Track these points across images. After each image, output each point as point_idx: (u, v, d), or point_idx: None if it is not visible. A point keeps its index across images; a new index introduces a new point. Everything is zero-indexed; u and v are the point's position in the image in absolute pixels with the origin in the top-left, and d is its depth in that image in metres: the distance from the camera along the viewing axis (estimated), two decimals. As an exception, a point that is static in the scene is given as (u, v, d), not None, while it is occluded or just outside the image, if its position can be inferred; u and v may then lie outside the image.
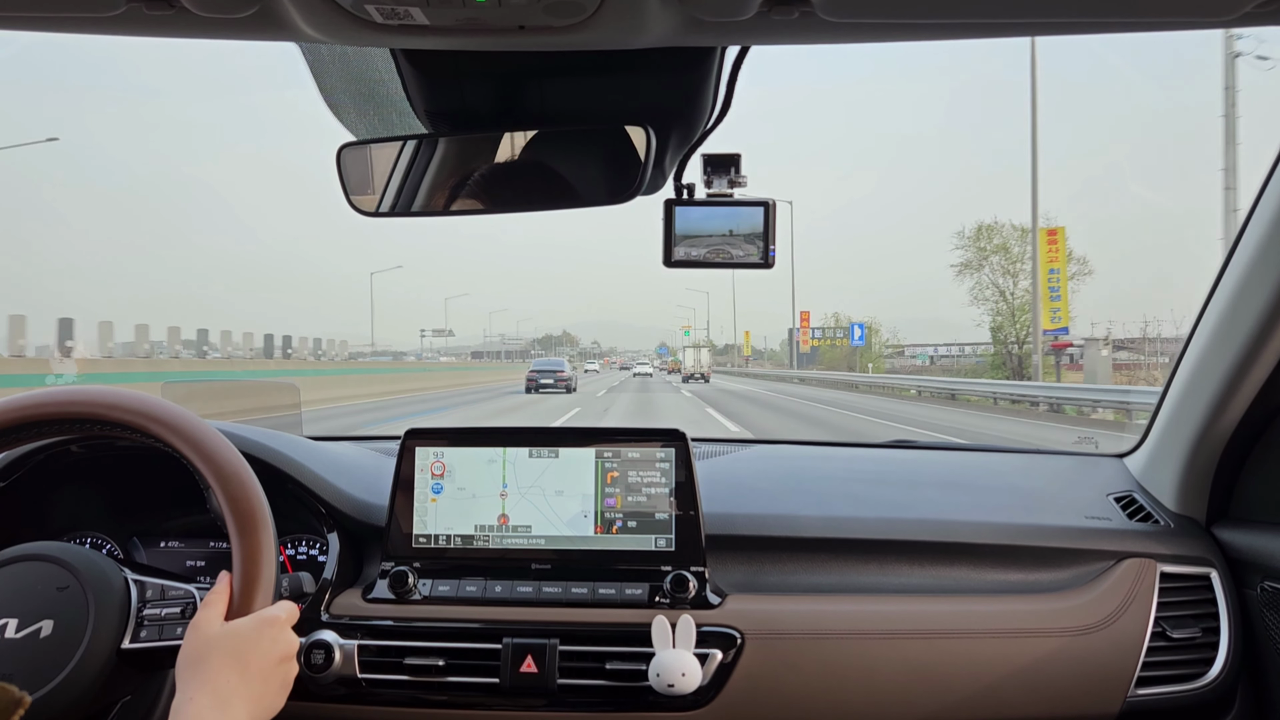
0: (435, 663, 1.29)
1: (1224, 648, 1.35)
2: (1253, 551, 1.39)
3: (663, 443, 1.42)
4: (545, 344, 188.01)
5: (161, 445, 1.04)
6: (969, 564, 1.43)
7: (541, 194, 1.23)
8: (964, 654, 1.31)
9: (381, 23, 0.76)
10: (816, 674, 1.30)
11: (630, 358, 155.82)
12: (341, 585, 1.39)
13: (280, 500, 1.17)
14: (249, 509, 1.02)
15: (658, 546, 1.38)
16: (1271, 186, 1.27)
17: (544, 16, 0.75)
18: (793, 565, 1.43)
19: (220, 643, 0.94)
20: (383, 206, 1.26)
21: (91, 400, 1.04)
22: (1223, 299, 1.37)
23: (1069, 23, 0.79)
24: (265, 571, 1.00)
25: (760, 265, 1.20)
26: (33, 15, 0.79)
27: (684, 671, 1.23)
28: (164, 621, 1.05)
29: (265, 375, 25.33)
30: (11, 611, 1.00)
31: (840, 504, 1.53)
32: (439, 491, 1.43)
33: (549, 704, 1.28)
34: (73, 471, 1.47)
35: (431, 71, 1.09)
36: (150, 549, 1.54)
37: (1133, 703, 1.31)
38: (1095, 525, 1.47)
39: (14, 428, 1.04)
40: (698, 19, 0.76)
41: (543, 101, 1.18)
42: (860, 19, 0.77)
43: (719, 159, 1.20)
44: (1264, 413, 1.40)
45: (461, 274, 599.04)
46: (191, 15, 0.74)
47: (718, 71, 1.09)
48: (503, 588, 1.36)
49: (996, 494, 1.62)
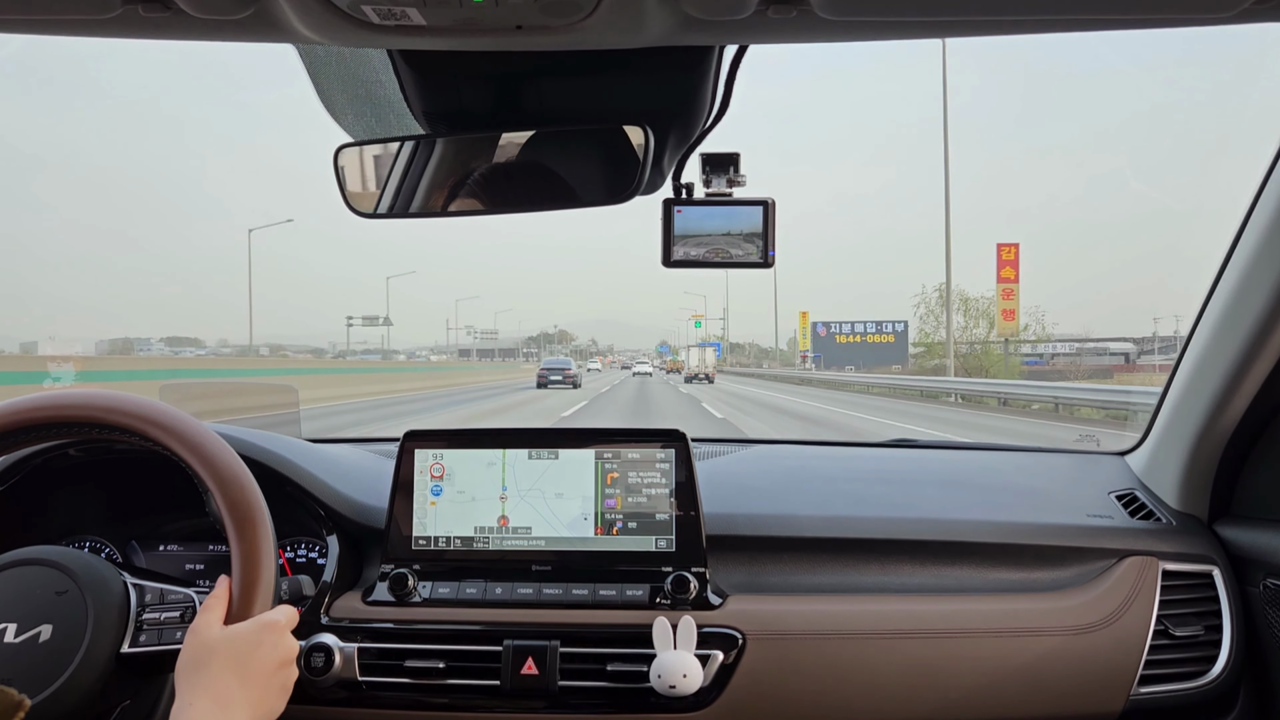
0: (436, 665, 1.28)
1: (1226, 645, 1.35)
2: (1255, 549, 1.38)
3: (663, 443, 1.41)
4: (539, 342, 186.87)
5: (160, 449, 1.04)
6: (970, 563, 1.43)
7: (540, 194, 1.22)
8: (966, 653, 1.31)
9: (378, 23, 0.76)
10: (818, 674, 1.29)
11: (630, 356, 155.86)
12: (341, 588, 1.39)
13: (279, 503, 1.16)
14: (248, 512, 1.01)
15: (658, 547, 1.38)
16: (1271, 185, 1.26)
17: (541, 16, 0.75)
18: (794, 565, 1.43)
19: (220, 647, 0.94)
20: (380, 207, 1.25)
21: (89, 404, 1.04)
22: (1223, 296, 1.36)
23: (1067, 20, 0.79)
24: (264, 575, 1.00)
25: (760, 265, 1.20)
26: (28, 17, 0.79)
27: (685, 672, 1.23)
28: (163, 626, 1.05)
29: (234, 374, 24.92)
30: (10, 616, 1.00)
31: (841, 503, 1.52)
32: (438, 493, 1.42)
33: (550, 706, 1.28)
34: (71, 475, 1.46)
35: (429, 72, 1.09)
36: (149, 553, 1.54)
37: (1135, 701, 1.31)
38: (1097, 523, 1.47)
39: (11, 431, 1.03)
40: (695, 18, 0.76)
41: (541, 101, 1.17)
42: (858, 17, 0.76)
43: (718, 158, 1.20)
44: (1265, 410, 1.39)
45: (461, 273, 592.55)
46: (187, 17, 0.74)
47: (716, 70, 1.09)
48: (503, 590, 1.36)
49: (998, 492, 1.62)
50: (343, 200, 1.25)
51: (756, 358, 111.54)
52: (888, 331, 61.62)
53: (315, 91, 1.22)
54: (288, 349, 36.02)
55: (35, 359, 20.92)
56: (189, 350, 78.05)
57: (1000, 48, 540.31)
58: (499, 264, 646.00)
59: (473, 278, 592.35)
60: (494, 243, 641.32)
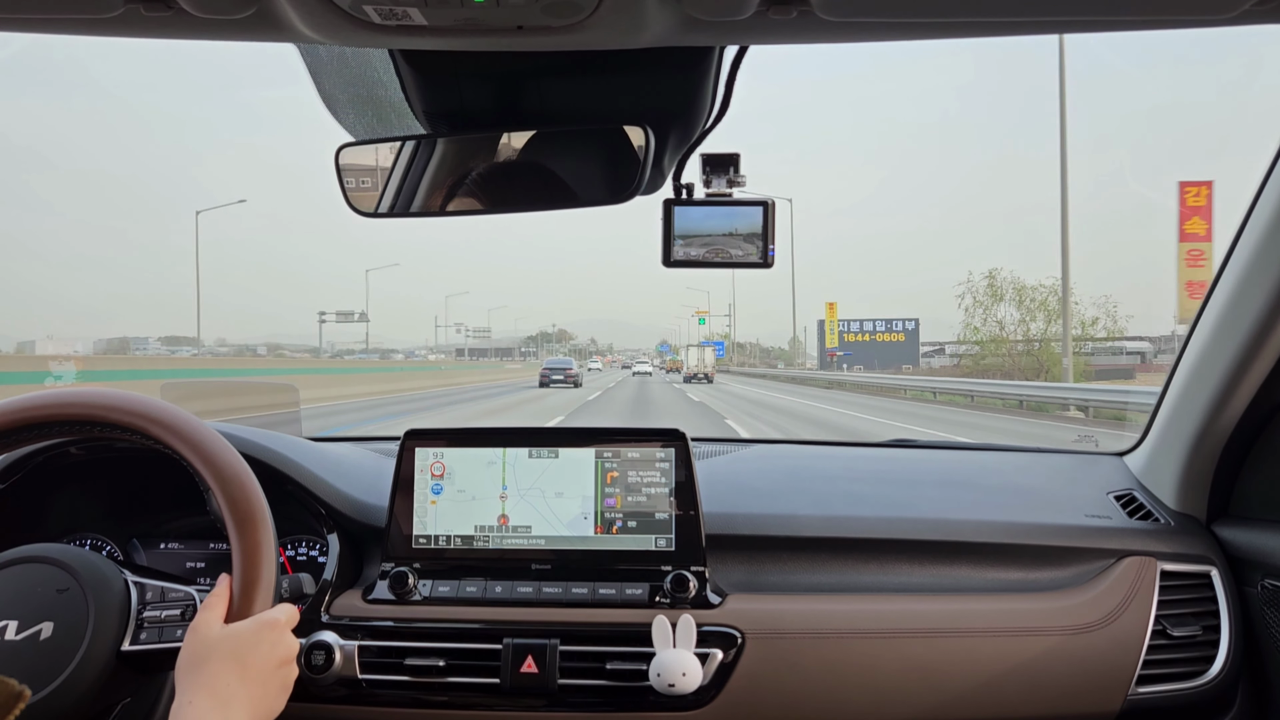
0: (436, 663, 1.29)
1: (1224, 646, 1.35)
2: (1253, 549, 1.38)
3: (662, 443, 1.42)
4: (538, 342, 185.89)
5: (161, 447, 1.04)
6: (969, 563, 1.43)
7: (540, 194, 1.23)
8: (964, 653, 1.31)
9: (380, 23, 0.76)
10: (817, 673, 1.30)
11: (630, 356, 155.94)
12: (341, 586, 1.39)
13: (280, 501, 1.17)
14: (248, 510, 1.02)
15: (658, 546, 1.38)
16: (1271, 185, 1.27)
17: (542, 16, 0.75)
18: (793, 565, 1.43)
19: (220, 645, 0.94)
20: (381, 207, 1.26)
21: (90, 402, 1.04)
22: (1222, 296, 1.37)
23: (1068, 21, 0.79)
24: (265, 573, 1.00)
25: (759, 265, 1.20)
26: (30, 16, 0.79)
27: (684, 671, 1.23)
28: (164, 623, 1.05)
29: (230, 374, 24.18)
30: (11, 614, 1.00)
31: (840, 503, 1.52)
32: (439, 492, 1.43)
33: (549, 704, 1.28)
34: (72, 473, 1.47)
35: (430, 72, 1.09)
36: (150, 551, 1.54)
37: (1133, 701, 1.31)
38: (1095, 523, 1.47)
39: (13, 429, 1.04)
40: (696, 18, 0.76)
41: (541, 101, 1.18)
42: (859, 18, 0.77)
43: (718, 158, 1.20)
44: (1264, 410, 1.40)
45: (456, 270, 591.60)
46: (189, 16, 0.74)
47: (716, 71, 1.09)
48: (503, 588, 1.36)
49: (996, 492, 1.62)
50: (344, 200, 1.25)
51: (758, 357, 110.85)
52: (898, 330, 58.49)
53: (316, 91, 1.22)
54: (285, 349, 35.93)
55: (35, 359, 20.83)
56: (185, 350, 77.89)
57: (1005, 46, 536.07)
58: (496, 262, 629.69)
59: (468, 275, 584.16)
60: (491, 241, 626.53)
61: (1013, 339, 33.49)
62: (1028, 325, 33.33)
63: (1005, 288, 34.03)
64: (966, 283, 35.05)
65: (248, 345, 43.88)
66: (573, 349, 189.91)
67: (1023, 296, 33.58)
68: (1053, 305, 30.96)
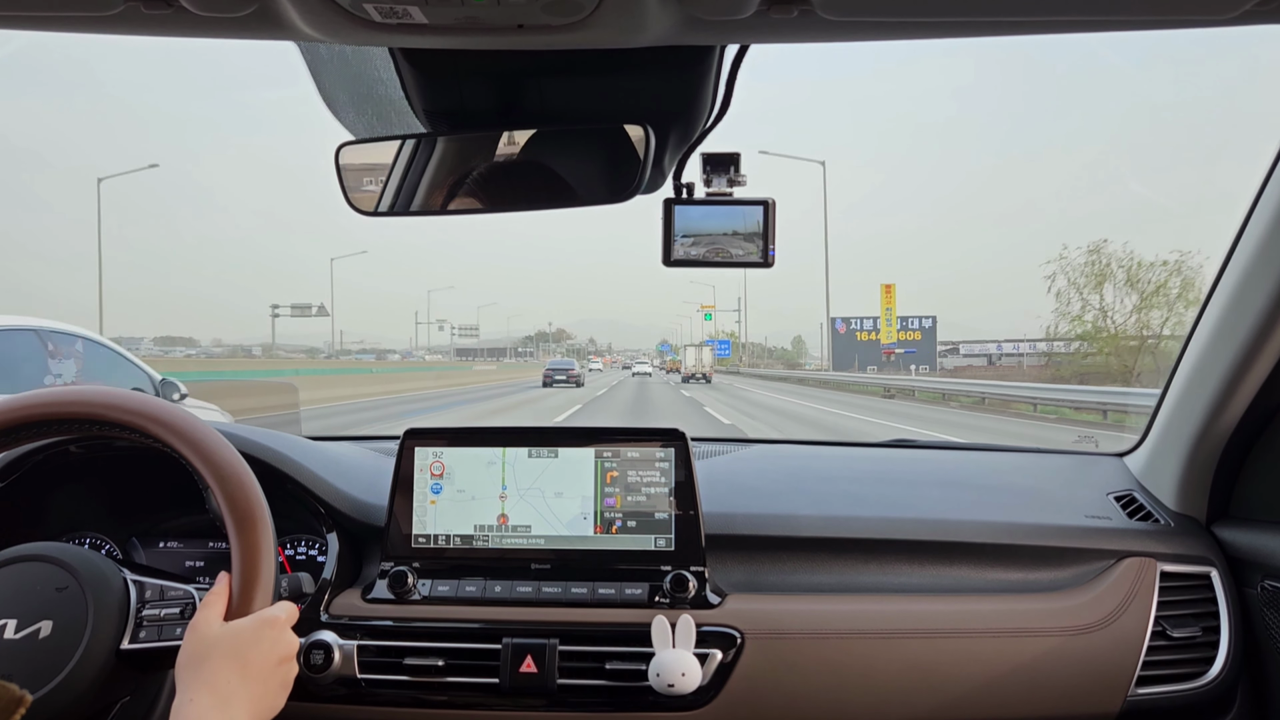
0: (435, 663, 1.29)
1: (1224, 647, 1.35)
2: (1253, 550, 1.38)
3: (662, 442, 1.42)
4: (535, 342, 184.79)
5: (160, 445, 1.04)
6: (969, 563, 1.43)
7: (541, 193, 1.23)
8: (964, 653, 1.31)
9: (380, 21, 0.76)
10: (816, 673, 1.29)
11: (630, 356, 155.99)
12: (341, 585, 1.39)
13: (279, 500, 1.17)
14: (248, 509, 1.02)
15: (657, 546, 1.38)
16: (1271, 185, 1.27)
17: (542, 15, 0.75)
18: (792, 565, 1.43)
19: (220, 643, 0.94)
20: (381, 206, 1.26)
21: (89, 400, 1.04)
22: (1223, 297, 1.37)
23: (1067, 21, 0.79)
24: (264, 572, 1.00)
25: (759, 264, 1.20)
26: (30, 14, 0.79)
27: (684, 671, 1.23)
28: (163, 622, 1.05)
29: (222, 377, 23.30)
30: (10, 612, 1.00)
31: (840, 503, 1.52)
32: (438, 492, 1.43)
33: (549, 704, 1.28)
34: (71, 472, 1.47)
35: (430, 70, 1.09)
36: (149, 549, 1.54)
37: (1133, 702, 1.31)
38: (1095, 524, 1.47)
39: (12, 428, 1.04)
40: (696, 18, 0.76)
41: (542, 100, 1.17)
42: (860, 17, 0.77)
43: (718, 158, 1.20)
44: (1264, 411, 1.40)
45: (454, 268, 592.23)
46: (190, 14, 0.74)
47: (717, 70, 1.09)
48: (502, 588, 1.36)
49: (996, 493, 1.62)
50: (344, 199, 1.25)
51: (761, 356, 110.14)
52: (914, 328, 53.49)
53: (317, 89, 1.22)
54: (281, 349, 35.78)
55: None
56: (179, 350, 77.32)
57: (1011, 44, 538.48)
58: (487, 259, 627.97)
59: (464, 272, 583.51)
60: (489, 240, 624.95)
61: (1125, 334, 25.45)
62: (1145, 315, 25.28)
63: (1112, 266, 26.11)
64: (1059, 259, 26.92)
65: (242, 346, 43.66)
66: (571, 349, 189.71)
67: (1134, 278, 25.53)
68: (1174, 290, 24.46)
